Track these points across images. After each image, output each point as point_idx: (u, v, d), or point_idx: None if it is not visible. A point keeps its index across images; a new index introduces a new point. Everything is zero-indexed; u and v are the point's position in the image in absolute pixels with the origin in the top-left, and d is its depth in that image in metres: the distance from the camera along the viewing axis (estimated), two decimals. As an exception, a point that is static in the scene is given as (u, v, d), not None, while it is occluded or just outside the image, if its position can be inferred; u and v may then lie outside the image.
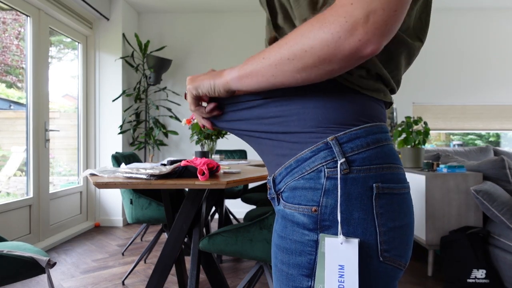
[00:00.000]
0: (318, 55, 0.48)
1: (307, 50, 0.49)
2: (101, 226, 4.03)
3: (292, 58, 0.50)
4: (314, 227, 0.55)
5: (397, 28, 0.47)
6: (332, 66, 0.49)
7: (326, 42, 0.47)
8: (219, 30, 4.55)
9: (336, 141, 0.55)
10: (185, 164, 1.44)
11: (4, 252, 1.43)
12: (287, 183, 0.59)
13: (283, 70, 0.52)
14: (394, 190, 0.56)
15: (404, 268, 0.58)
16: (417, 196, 2.56)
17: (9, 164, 3.11)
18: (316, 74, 0.51)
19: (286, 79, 0.53)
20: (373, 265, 0.54)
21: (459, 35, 4.48)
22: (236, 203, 4.46)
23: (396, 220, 0.56)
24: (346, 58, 0.48)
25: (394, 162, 0.57)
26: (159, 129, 4.28)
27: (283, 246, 0.59)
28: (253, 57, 0.56)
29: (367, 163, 0.55)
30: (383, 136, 0.57)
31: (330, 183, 0.54)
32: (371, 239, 0.54)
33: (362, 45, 0.46)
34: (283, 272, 0.59)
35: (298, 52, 0.50)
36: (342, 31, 0.46)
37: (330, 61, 0.49)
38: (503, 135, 4.79)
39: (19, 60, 3.11)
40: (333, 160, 0.54)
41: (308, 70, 0.51)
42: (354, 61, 0.49)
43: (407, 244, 0.57)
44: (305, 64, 0.50)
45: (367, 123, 0.56)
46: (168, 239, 1.66)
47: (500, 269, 2.22)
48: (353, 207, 0.54)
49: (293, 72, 0.52)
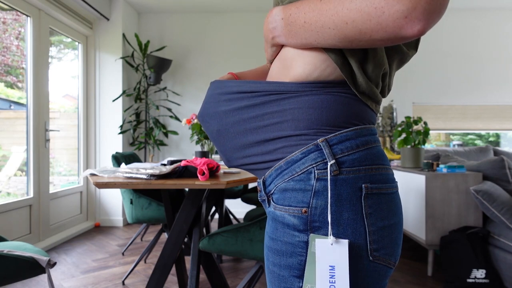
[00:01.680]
0: (359, 28, 0.46)
1: (348, 22, 0.47)
2: (101, 226, 4.03)
3: (333, 28, 0.49)
4: (305, 228, 0.55)
5: (445, 8, 0.43)
6: (372, 42, 0.48)
7: (368, 16, 0.44)
8: (219, 30, 4.55)
9: (326, 143, 0.55)
10: (185, 164, 1.45)
11: (4, 252, 1.43)
12: (277, 185, 0.59)
13: (324, 37, 0.52)
14: (382, 190, 0.56)
15: (394, 267, 0.58)
16: (417, 196, 2.56)
17: (9, 164, 3.11)
18: (358, 44, 0.50)
19: (327, 44, 0.53)
20: (363, 264, 0.55)
21: (459, 35, 4.48)
22: (236, 203, 4.46)
23: (385, 219, 0.56)
24: (388, 34, 0.45)
25: (383, 163, 0.58)
26: (159, 129, 4.28)
27: (274, 248, 0.59)
28: (293, 16, 0.55)
29: (357, 165, 0.55)
30: (372, 138, 0.58)
31: (320, 184, 0.54)
32: (360, 239, 0.54)
33: (407, 23, 0.42)
34: (275, 274, 0.59)
35: (339, 23, 0.48)
36: (386, 6, 0.42)
37: (370, 36, 0.47)
38: (503, 135, 4.80)
39: (19, 60, 3.11)
40: (323, 161, 0.55)
41: (348, 41, 0.50)
42: (397, 40, 0.46)
43: (396, 243, 0.58)
44: (345, 35, 0.49)
45: (357, 125, 0.57)
46: (168, 239, 1.66)
47: (500, 269, 2.22)
48: (343, 208, 0.54)
49: (334, 40, 0.51)
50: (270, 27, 0.60)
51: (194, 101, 4.53)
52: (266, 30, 0.62)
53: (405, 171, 2.76)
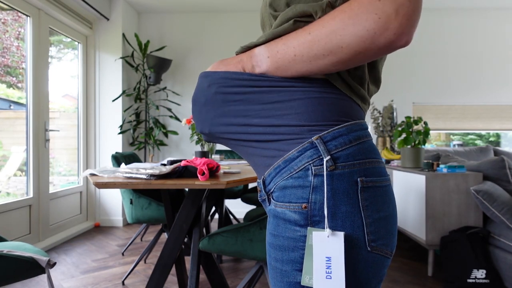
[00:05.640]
0: (355, 50, 0.52)
1: (344, 46, 0.52)
2: (101, 226, 4.03)
3: (327, 54, 0.54)
4: (305, 223, 0.58)
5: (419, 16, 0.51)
6: (367, 57, 0.53)
7: (362, 38, 0.50)
8: (219, 30, 4.55)
9: (320, 140, 0.58)
10: (185, 164, 1.44)
11: (4, 252, 1.43)
12: (276, 183, 0.62)
13: (318, 65, 0.56)
14: (377, 183, 0.59)
15: (391, 257, 0.61)
16: (417, 196, 2.56)
17: (9, 164, 3.11)
18: (350, 65, 0.55)
19: (321, 71, 0.57)
20: (362, 255, 0.57)
21: (459, 35, 4.48)
22: (236, 203, 4.46)
23: (381, 211, 0.59)
24: (381, 50, 0.52)
25: (375, 157, 0.61)
26: (159, 129, 4.28)
27: (276, 244, 0.61)
28: (280, 53, 0.58)
29: (351, 159, 0.58)
30: (363, 133, 0.61)
31: (318, 180, 0.57)
32: (358, 231, 0.57)
33: (397, 38, 0.50)
34: (277, 269, 0.61)
35: (334, 48, 0.53)
36: (377, 27, 0.49)
37: (365, 54, 0.52)
38: (503, 135, 4.79)
39: (19, 60, 3.11)
40: (319, 158, 0.57)
41: (343, 63, 0.54)
42: (388, 52, 0.53)
43: (392, 233, 0.61)
44: (341, 58, 0.53)
45: (347, 121, 0.60)
46: (168, 239, 1.66)
47: (500, 269, 2.22)
48: (340, 202, 0.57)
49: (328, 66, 0.55)
50: (252, 61, 0.63)
51: (194, 101, 4.52)
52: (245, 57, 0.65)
53: (405, 171, 2.76)
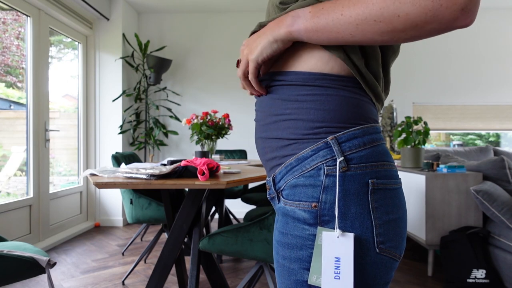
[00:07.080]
0: (412, 21, 0.46)
1: (401, 15, 0.46)
2: (101, 226, 4.03)
3: (380, 20, 0.48)
4: (314, 222, 0.57)
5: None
6: (421, 32, 0.48)
7: (425, 9, 0.45)
8: (219, 30, 4.55)
9: (335, 140, 0.57)
10: (185, 164, 1.44)
11: (4, 252, 1.43)
12: (287, 181, 0.61)
13: (364, 30, 0.50)
14: (388, 185, 0.59)
15: (399, 260, 0.61)
16: (417, 196, 2.56)
17: (9, 164, 3.11)
18: (398, 38, 0.50)
19: (364, 39, 0.52)
20: (370, 256, 0.57)
21: (459, 35, 4.48)
22: (236, 203, 4.46)
23: (390, 213, 0.59)
24: (441, 26, 0.46)
25: (388, 160, 0.61)
26: (159, 129, 4.28)
27: (285, 242, 0.61)
28: (326, 9, 0.53)
29: (364, 161, 0.57)
30: (377, 136, 0.60)
31: (329, 180, 0.57)
32: (367, 232, 0.57)
33: (462, 15, 0.44)
34: (285, 267, 0.61)
35: (389, 15, 0.47)
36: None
37: (422, 28, 0.47)
38: (503, 135, 4.79)
39: (19, 60, 3.11)
40: (332, 158, 0.57)
41: (393, 33, 0.49)
42: (446, 30, 0.47)
43: (401, 236, 0.60)
44: (394, 28, 0.48)
45: (363, 124, 0.59)
46: (168, 239, 1.66)
47: (500, 269, 2.22)
48: (350, 202, 0.56)
49: (375, 34, 0.50)
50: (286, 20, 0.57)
51: (194, 101, 4.53)
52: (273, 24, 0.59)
53: (405, 171, 2.76)
